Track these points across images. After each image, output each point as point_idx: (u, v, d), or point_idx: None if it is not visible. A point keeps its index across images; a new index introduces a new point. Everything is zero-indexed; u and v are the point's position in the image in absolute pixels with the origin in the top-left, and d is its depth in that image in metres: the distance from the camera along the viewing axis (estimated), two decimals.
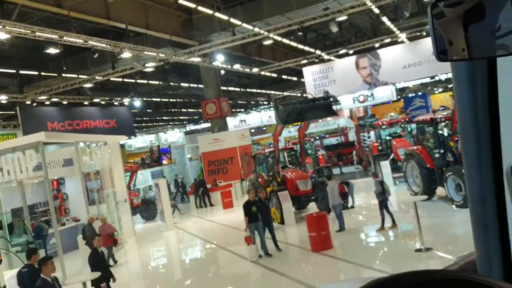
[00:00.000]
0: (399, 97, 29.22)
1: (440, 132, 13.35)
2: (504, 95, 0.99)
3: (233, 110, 32.83)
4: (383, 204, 11.27)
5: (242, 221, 11.92)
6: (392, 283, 0.42)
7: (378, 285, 0.42)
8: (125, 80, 24.21)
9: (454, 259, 1.26)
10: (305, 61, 24.88)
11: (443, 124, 13.27)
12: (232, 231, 14.97)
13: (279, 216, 14.10)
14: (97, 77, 21.14)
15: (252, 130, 34.53)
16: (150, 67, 20.71)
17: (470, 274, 0.42)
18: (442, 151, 12.96)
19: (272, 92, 33.67)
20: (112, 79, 22.27)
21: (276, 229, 11.88)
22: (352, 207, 14.49)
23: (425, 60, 22.26)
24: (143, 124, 40.32)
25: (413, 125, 18.30)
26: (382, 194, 11.23)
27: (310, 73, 25.30)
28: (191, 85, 28.31)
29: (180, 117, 41.64)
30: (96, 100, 26.85)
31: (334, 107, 15.32)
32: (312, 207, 14.87)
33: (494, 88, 0.99)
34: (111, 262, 11.97)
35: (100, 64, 20.69)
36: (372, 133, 24.91)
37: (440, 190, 13.26)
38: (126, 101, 27.70)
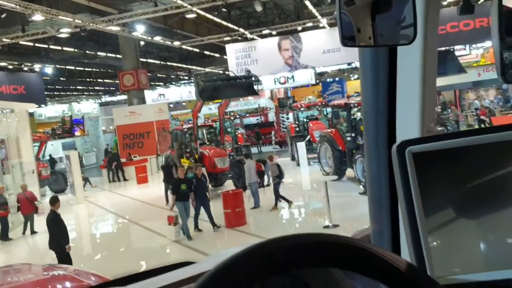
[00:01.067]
0: (317, 81, 30.04)
1: (353, 116, 13.98)
2: (401, 81, 1.07)
3: (151, 83, 31.98)
4: (278, 186, 11.74)
5: (158, 197, 11.79)
6: (266, 248, 0.44)
7: (257, 248, 0.43)
8: (36, 44, 22.59)
9: (352, 234, 1.35)
10: (228, 38, 24.72)
11: (355, 109, 13.91)
12: (146, 206, 14.74)
13: None
14: (4, 39, 19.56)
15: (171, 105, 33.90)
16: (64, 33, 19.49)
17: (340, 237, 0.46)
18: (353, 134, 13.62)
19: (194, 67, 33.15)
20: (21, 42, 20.73)
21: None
22: (268, 185, 14.82)
23: (343, 47, 22.95)
24: (55, 93, 38.04)
25: (329, 109, 18.98)
26: (279, 177, 11.69)
27: (233, 51, 25.20)
28: (109, 54, 27.09)
29: (96, 88, 39.81)
30: (2, 64, 24.89)
31: (255, 87, 15.44)
32: (229, 185, 15.02)
33: (394, 74, 1.07)
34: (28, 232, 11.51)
35: (8, 25, 19.11)
36: (291, 114, 25.47)
37: (349, 171, 13.96)
38: (37, 67, 25.97)
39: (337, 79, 33.20)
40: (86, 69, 31.66)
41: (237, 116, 31.78)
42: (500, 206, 0.69)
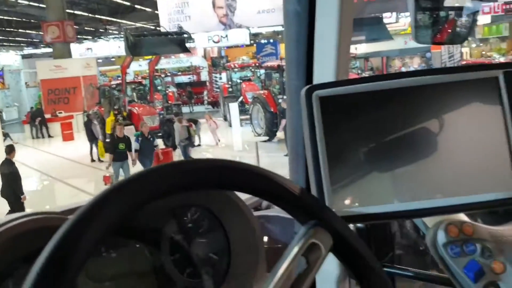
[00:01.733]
0: (252, 42, 29.87)
1: (285, 79, 14.13)
2: (318, 33, 1.10)
3: (78, 36, 30.31)
4: (187, 148, 11.75)
5: (84, 155, 11.45)
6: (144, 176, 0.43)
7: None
8: None
9: None
10: None
11: None
12: (72, 164, 14.27)
13: None
14: None
15: (99, 60, 32.42)
16: None
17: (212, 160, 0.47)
18: (285, 96, 13.81)
19: (124, 21, 31.75)
20: None
21: None
22: (199, 145, 14.80)
23: (278, 8, 22.90)
24: None
25: (262, 71, 19.04)
26: (188, 139, 11.72)
27: (165, 6, 24.30)
28: (31, 3, 25.25)
29: (17, 39, 37.16)
30: None
31: (187, 44, 15.12)
32: (159, 144, 14.84)
33: (312, 28, 1.10)
34: None
35: None
36: (224, 74, 25.29)
37: (281, 133, 14.25)
38: None
39: (271, 41, 33.18)
40: (5, 17, 29.38)
41: (168, 74, 31.05)
42: (402, 148, 0.75)
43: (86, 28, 34.75)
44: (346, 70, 1.12)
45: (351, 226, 1.03)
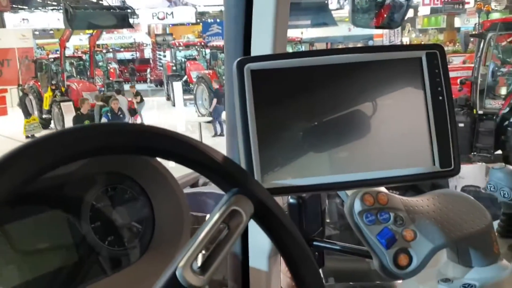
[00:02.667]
0: (198, 20, 29.41)
1: (224, 55, 14.06)
2: (257, 10, 1.11)
3: (13, 5, 28.59)
4: None
5: (19, 131, 10.84)
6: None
7: None
8: None
9: None
10: None
11: None
12: (6, 140, 13.59)
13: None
14: None
15: (36, 33, 30.80)
16: None
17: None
18: None
19: None
20: None
21: None
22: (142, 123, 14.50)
23: None
24: None
25: (208, 50, 18.84)
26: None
27: None
28: None
29: None
30: None
31: (130, 20, 14.65)
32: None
33: (250, 5, 1.10)
34: None
35: None
36: (168, 52, 24.79)
37: (224, 113, 14.20)
38: None
39: (218, 20, 32.83)
40: None
41: (110, 50, 30.03)
42: (329, 124, 0.77)
43: None
44: (284, 46, 1.13)
45: (284, 200, 1.05)
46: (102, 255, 0.68)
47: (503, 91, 8.05)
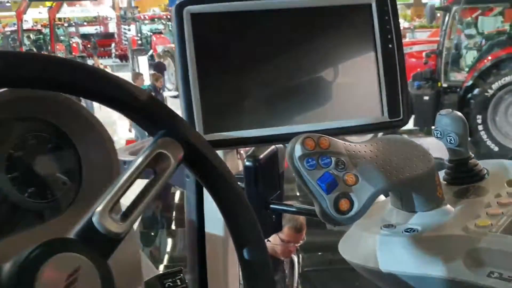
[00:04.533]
0: None
1: None
2: None
3: None
4: None
5: None
6: None
7: None
8: None
9: None
10: None
11: None
12: None
13: None
14: None
15: None
16: None
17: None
18: None
19: None
20: None
21: None
22: None
23: None
24: None
25: None
26: None
27: None
28: None
29: None
30: None
31: None
32: None
33: None
34: None
35: None
36: (133, 26, 24.18)
37: None
38: None
39: None
40: None
41: (73, 23, 29.06)
42: (275, 73, 0.74)
43: None
44: None
45: (238, 170, 1.01)
46: (22, 208, 0.64)
47: (467, 65, 8.19)
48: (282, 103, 0.74)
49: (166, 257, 4.52)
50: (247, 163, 1.04)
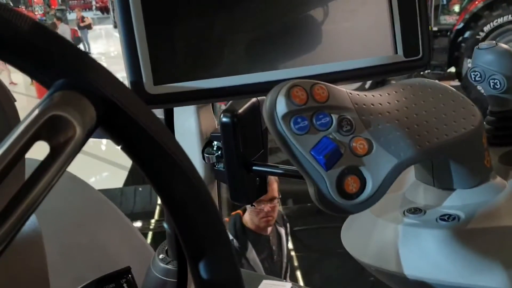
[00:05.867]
0: None
1: None
2: None
3: None
4: None
5: None
6: None
7: None
8: None
9: None
10: None
11: None
12: None
13: None
14: None
15: None
16: None
17: None
18: None
19: None
20: None
21: None
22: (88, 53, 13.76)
23: None
24: None
25: None
26: None
27: None
28: None
29: None
30: None
31: None
32: None
33: None
34: None
35: None
36: None
37: None
38: None
39: None
40: None
41: None
42: (250, 3, 0.54)
43: None
44: None
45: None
46: None
47: (457, 8, 7.94)
48: (260, 43, 0.55)
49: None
50: (224, 119, 0.85)
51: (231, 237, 2.41)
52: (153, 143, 0.31)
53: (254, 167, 0.81)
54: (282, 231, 2.62)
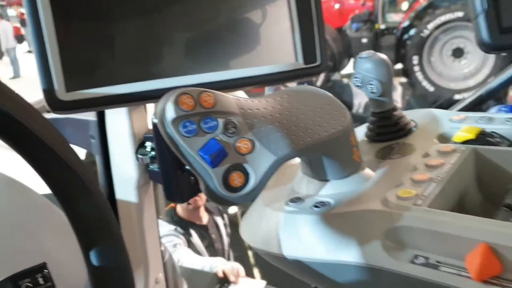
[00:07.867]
0: None
1: None
2: None
3: None
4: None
5: None
6: None
7: None
8: None
9: None
10: None
11: None
12: None
13: None
14: None
15: None
16: None
17: None
18: None
19: None
20: None
21: None
22: (30, 51, 13.28)
23: None
24: None
25: None
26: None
27: None
28: None
29: None
30: None
31: None
32: None
33: None
34: None
35: None
36: None
37: None
38: None
39: None
40: None
41: None
42: (154, 13, 0.59)
43: None
44: None
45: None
46: None
47: (404, 5, 8.16)
48: (164, 50, 0.59)
49: None
50: (155, 120, 0.89)
51: (173, 227, 2.46)
52: (45, 147, 0.36)
53: (187, 167, 0.85)
54: (219, 220, 2.69)
